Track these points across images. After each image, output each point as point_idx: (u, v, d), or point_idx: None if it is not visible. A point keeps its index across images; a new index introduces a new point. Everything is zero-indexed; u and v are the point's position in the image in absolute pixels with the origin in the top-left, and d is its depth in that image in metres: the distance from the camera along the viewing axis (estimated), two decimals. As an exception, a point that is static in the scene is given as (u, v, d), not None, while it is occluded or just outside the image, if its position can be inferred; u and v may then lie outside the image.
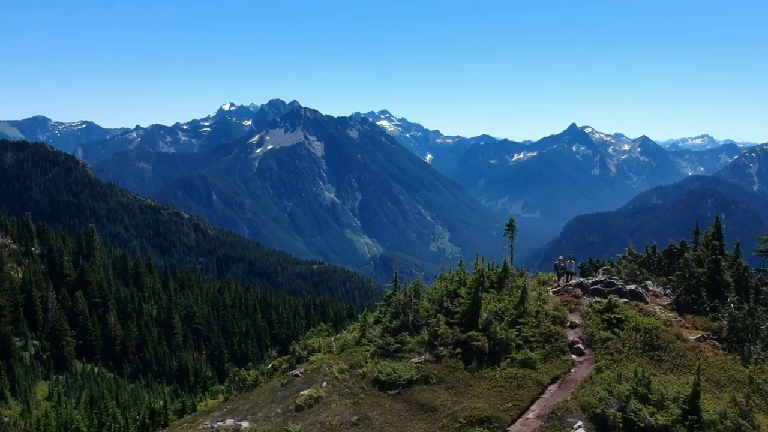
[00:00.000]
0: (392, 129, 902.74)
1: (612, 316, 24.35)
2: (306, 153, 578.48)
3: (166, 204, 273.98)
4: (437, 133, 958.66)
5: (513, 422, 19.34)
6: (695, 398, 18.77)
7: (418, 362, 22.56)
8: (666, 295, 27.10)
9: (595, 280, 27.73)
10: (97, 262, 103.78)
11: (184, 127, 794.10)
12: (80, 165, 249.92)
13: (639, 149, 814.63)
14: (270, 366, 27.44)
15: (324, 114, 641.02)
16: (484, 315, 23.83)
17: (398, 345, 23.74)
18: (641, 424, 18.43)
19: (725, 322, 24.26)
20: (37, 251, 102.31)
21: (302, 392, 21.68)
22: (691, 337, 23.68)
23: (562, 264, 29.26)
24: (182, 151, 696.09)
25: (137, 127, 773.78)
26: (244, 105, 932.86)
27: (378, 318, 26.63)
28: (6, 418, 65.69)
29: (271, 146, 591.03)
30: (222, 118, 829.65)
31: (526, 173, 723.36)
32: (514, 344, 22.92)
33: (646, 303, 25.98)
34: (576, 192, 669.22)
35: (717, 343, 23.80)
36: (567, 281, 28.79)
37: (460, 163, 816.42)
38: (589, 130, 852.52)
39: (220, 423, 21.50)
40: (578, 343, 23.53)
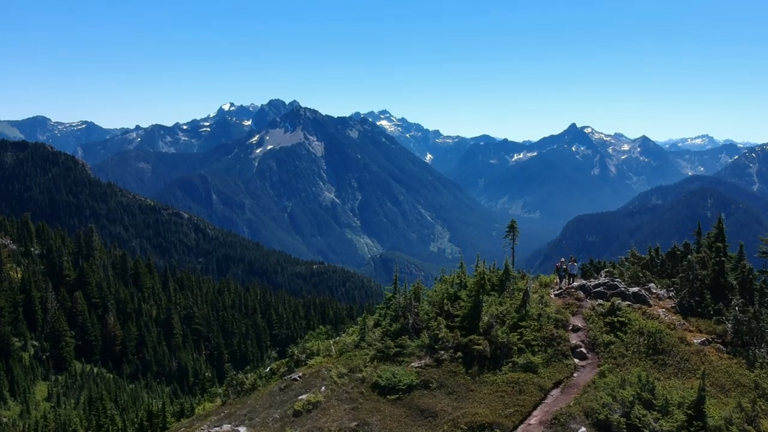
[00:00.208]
0: (392, 129, 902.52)
1: (615, 319, 24.04)
2: (306, 153, 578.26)
3: (166, 204, 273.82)
4: (437, 133, 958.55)
5: (515, 428, 19.02)
6: (700, 404, 18.46)
7: (418, 366, 22.24)
8: (669, 298, 26.78)
9: (597, 282, 27.43)
10: (97, 263, 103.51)
11: (184, 127, 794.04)
12: (80, 165, 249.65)
13: (639, 149, 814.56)
14: (268, 369, 27.13)
15: (324, 114, 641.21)
16: (486, 318, 23.51)
17: (398, 349, 23.42)
18: (646, 431, 18.12)
19: (730, 326, 23.97)
20: (36, 251, 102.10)
21: (300, 397, 21.35)
22: (695, 341, 23.38)
23: (564, 266, 28.91)
24: (182, 151, 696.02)
25: (137, 127, 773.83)
26: (244, 105, 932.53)
27: (377, 321, 26.32)
28: (5, 419, 65.43)
29: (271, 146, 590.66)
30: (222, 118, 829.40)
31: (526, 173, 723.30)
32: (515, 348, 22.60)
33: (650, 306, 25.68)
34: (576, 192, 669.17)
35: (721, 346, 23.50)
36: (569, 283, 28.48)
37: (460, 163, 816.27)
38: (589, 130, 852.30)
39: (217, 428, 21.20)
40: (581, 346, 23.22)
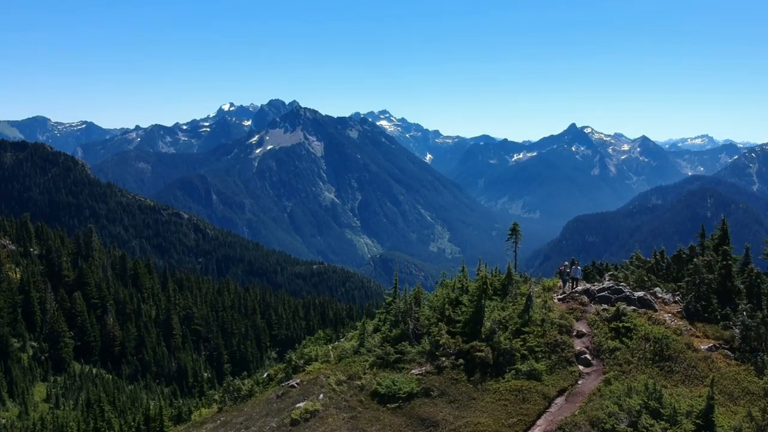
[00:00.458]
0: (392, 129, 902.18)
1: (620, 324, 23.50)
2: (306, 153, 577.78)
3: (166, 204, 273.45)
4: (437, 133, 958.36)
5: (518, 438, 18.52)
6: (709, 412, 17.97)
7: (418, 374, 21.71)
8: (675, 303, 26.22)
9: (602, 286, 26.88)
10: (96, 263, 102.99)
11: (184, 127, 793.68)
12: (80, 165, 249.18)
13: (639, 149, 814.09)
14: (266, 375, 26.62)
15: (324, 114, 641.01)
16: (488, 324, 22.98)
17: (398, 355, 22.91)
18: (653, 441, 17.60)
19: (737, 331, 23.42)
20: (35, 252, 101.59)
21: (298, 405, 20.85)
22: (702, 347, 22.84)
23: (567, 270, 28.30)
24: (182, 151, 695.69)
25: (137, 128, 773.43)
26: (244, 105, 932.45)
27: (377, 326, 25.78)
28: (3, 421, 64.94)
29: (271, 146, 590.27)
30: (222, 118, 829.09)
31: (525, 173, 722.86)
32: (518, 355, 22.06)
33: (655, 311, 25.12)
34: (576, 192, 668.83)
35: (729, 352, 22.95)
36: (573, 288, 27.92)
37: (460, 163, 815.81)
38: (589, 130, 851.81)
39: (213, 437, 20.71)
40: (585, 353, 22.68)
